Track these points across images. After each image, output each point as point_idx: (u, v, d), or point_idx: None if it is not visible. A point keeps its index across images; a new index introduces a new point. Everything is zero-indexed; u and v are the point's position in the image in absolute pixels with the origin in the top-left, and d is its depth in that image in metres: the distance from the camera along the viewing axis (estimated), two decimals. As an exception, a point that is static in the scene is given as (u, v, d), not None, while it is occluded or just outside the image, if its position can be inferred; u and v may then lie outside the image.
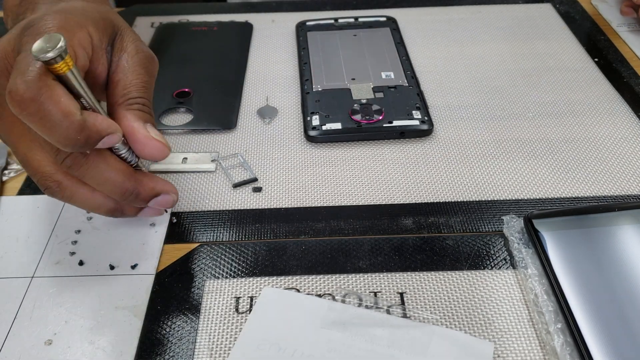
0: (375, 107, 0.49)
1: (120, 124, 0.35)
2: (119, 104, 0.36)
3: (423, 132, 0.48)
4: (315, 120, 0.49)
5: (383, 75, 0.54)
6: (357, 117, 0.49)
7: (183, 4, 0.69)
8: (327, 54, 0.57)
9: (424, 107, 0.50)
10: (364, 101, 0.50)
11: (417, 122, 0.48)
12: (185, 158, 0.47)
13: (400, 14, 0.65)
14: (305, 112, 0.50)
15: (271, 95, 0.54)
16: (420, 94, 0.51)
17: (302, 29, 0.62)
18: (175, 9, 0.68)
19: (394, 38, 0.60)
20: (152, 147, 0.35)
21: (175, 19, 0.66)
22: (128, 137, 0.35)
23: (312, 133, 0.48)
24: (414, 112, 0.49)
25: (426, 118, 0.49)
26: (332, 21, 0.63)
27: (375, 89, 0.52)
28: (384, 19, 0.63)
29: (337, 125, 0.48)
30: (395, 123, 0.48)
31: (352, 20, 0.63)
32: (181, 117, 0.51)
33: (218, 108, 0.52)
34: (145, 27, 0.64)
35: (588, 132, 0.49)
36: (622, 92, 0.53)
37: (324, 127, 0.48)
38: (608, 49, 0.59)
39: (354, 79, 0.53)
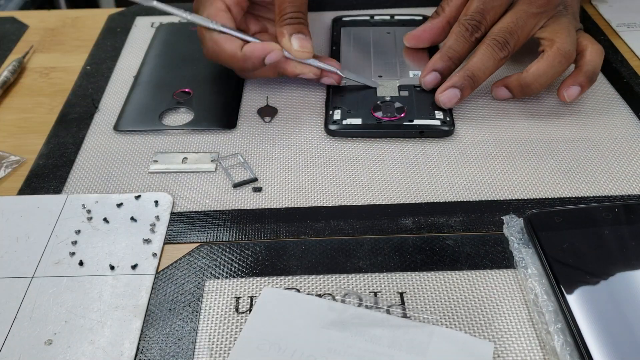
0: (397, 104, 0.49)
1: (279, 40, 0.48)
2: (277, 23, 0.48)
3: (443, 133, 0.48)
4: (337, 115, 0.49)
5: (411, 74, 0.53)
6: (379, 113, 0.48)
7: (183, 4, 0.68)
8: (358, 50, 0.57)
9: (447, 108, 0.49)
10: (387, 99, 0.50)
11: (438, 122, 0.48)
12: (185, 158, 0.47)
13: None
14: (329, 106, 0.50)
15: (271, 95, 0.54)
16: None
17: (337, 24, 0.61)
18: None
19: None
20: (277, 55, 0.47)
21: (175, 19, 0.65)
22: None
23: (332, 127, 0.48)
24: (436, 112, 0.49)
25: (448, 119, 0.48)
26: (368, 17, 0.62)
27: (401, 87, 0.51)
28: (420, 17, 0.61)
29: (357, 121, 0.48)
30: (416, 122, 0.48)
31: (387, 17, 0.62)
32: (181, 117, 0.51)
33: (218, 108, 0.52)
34: (145, 27, 0.64)
35: (588, 132, 0.49)
36: (622, 92, 0.53)
37: (344, 122, 0.48)
38: (608, 49, 0.58)
39: (380, 76, 0.53)
